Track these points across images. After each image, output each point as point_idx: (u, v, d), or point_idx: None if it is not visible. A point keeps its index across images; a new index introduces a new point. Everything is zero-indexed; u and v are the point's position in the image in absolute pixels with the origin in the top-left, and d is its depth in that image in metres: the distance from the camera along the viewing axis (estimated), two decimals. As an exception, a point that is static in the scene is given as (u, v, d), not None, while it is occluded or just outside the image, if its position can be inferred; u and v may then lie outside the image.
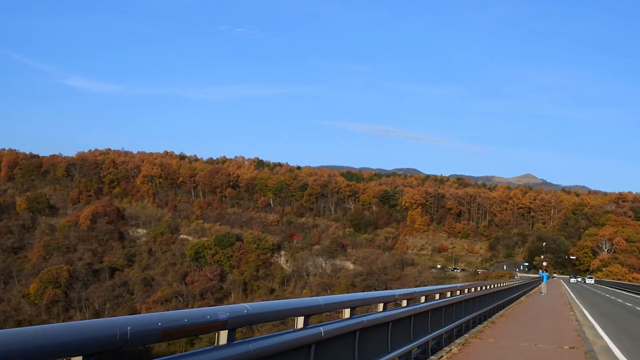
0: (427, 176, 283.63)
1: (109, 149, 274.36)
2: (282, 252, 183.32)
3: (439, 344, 15.13)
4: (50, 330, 3.56)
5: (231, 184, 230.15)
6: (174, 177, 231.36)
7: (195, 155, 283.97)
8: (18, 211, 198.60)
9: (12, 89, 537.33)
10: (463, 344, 16.09)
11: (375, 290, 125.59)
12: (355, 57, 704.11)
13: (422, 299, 13.23)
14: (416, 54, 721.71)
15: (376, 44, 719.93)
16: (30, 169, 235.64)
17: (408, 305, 11.58)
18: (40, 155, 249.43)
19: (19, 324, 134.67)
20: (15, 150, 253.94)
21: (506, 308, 31.60)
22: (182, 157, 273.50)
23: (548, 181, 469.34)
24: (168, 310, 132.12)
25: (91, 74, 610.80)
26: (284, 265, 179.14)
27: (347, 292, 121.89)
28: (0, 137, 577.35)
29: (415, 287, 16.38)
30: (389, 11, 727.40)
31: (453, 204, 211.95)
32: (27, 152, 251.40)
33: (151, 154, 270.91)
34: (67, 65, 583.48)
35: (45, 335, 3.47)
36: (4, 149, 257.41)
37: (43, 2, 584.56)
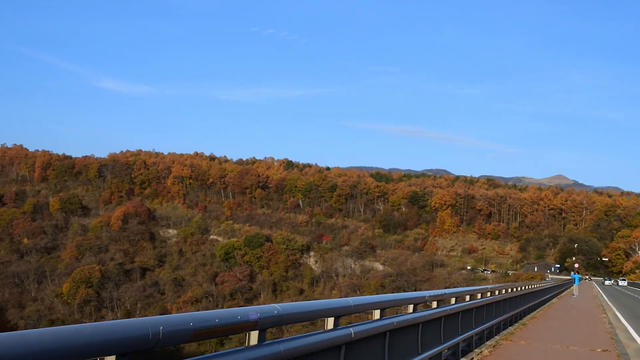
0: (457, 177, 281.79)
1: (140, 150, 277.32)
2: (312, 253, 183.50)
3: (469, 346, 15.03)
4: (84, 330, 3.62)
5: (261, 184, 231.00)
6: (204, 178, 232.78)
7: (225, 156, 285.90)
8: (51, 212, 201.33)
9: (46, 91, 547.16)
10: (494, 346, 15.97)
11: (404, 291, 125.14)
12: (385, 58, 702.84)
13: (453, 300, 13.17)
14: (446, 54, 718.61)
15: (405, 44, 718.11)
16: (63, 170, 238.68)
17: (438, 306, 11.54)
18: (73, 156, 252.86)
19: (52, 323, 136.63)
20: (48, 151, 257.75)
21: (537, 310, 31.28)
22: (212, 158, 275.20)
23: (580, 182, 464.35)
24: (198, 310, 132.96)
25: (123, 76, 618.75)
26: (313, 266, 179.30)
27: (377, 293, 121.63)
28: (34, 138, 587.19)
29: (445, 288, 16.31)
30: (418, 12, 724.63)
31: (483, 205, 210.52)
32: (60, 154, 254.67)
33: (181, 155, 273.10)
34: (100, 68, 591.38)
35: (80, 335, 3.53)
36: (38, 150, 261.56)
37: (76, 5, 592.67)
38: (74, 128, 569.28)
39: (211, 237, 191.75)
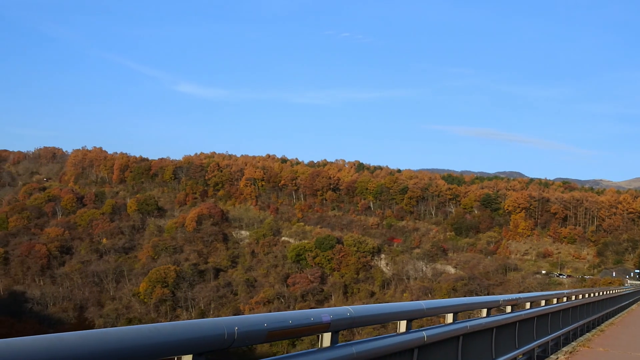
0: (531, 179, 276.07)
1: (214, 153, 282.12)
2: (382, 256, 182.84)
3: (545, 352, 14.73)
4: (163, 329, 3.72)
5: (332, 187, 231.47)
6: (276, 180, 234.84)
7: (296, 159, 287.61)
8: (129, 212, 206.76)
9: (125, 95, 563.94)
10: (570, 352, 15.59)
11: (477, 295, 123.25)
12: (459, 59, 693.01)
13: (527, 305, 12.95)
14: (522, 55, 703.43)
15: (481, 45, 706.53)
16: (140, 172, 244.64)
17: (512, 311, 11.36)
18: (150, 158, 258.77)
19: (129, 321, 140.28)
20: (126, 154, 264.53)
21: (616, 316, 30.36)
22: (284, 160, 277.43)
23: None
24: (270, 311, 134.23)
25: (200, 80, 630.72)
26: (384, 269, 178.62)
27: (448, 297, 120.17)
28: (113, 141, 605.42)
29: (519, 292, 16.01)
30: (493, 12, 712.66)
31: (558, 208, 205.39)
32: (138, 156, 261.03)
33: (254, 157, 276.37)
34: (178, 72, 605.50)
35: (160, 333, 3.63)
36: (117, 153, 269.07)
37: (153, 11, 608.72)
38: (151, 131, 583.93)
39: (283, 238, 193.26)
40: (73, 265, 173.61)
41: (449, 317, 8.19)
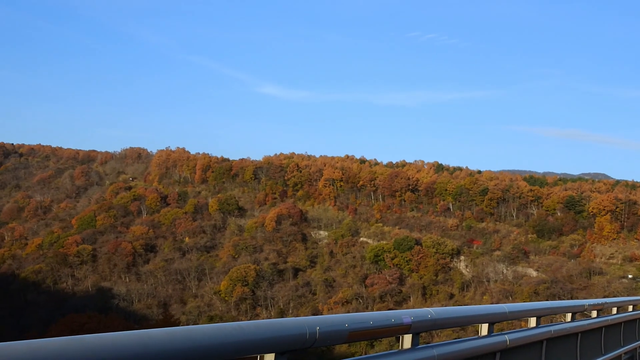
0: (617, 181, 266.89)
1: (293, 153, 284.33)
2: (462, 257, 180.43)
3: (632, 359, 14.26)
4: (247, 327, 3.79)
5: (410, 187, 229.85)
6: (354, 181, 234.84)
7: (375, 159, 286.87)
8: (210, 212, 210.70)
9: (208, 97, 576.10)
10: (660, 361, 15.03)
11: (559, 299, 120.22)
12: (545, 59, 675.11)
13: (614, 310, 12.57)
14: (612, 54, 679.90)
15: (568, 45, 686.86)
16: (221, 172, 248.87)
17: (598, 316, 11.05)
18: (231, 159, 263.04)
19: (211, 319, 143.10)
20: (208, 154, 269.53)
21: None
22: (362, 161, 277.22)
23: None
24: (349, 311, 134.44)
25: (282, 82, 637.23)
26: (463, 271, 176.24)
27: (530, 300, 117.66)
28: (195, 142, 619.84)
29: (604, 297, 15.56)
30: (582, 10, 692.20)
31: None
32: (219, 156, 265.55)
33: (332, 157, 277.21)
34: (261, 74, 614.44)
35: (243, 332, 3.70)
36: (199, 153, 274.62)
37: (237, 14, 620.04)
38: (232, 132, 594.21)
39: (361, 239, 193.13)
40: (157, 263, 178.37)
41: (532, 321, 8.03)
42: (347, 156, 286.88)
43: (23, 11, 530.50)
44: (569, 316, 9.59)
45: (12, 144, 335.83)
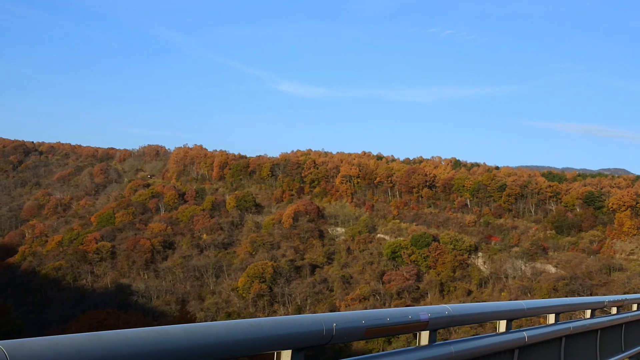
0: (637, 177, 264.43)
1: (310, 150, 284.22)
2: (480, 254, 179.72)
3: (653, 356, 14.12)
4: (265, 324, 3.80)
5: (428, 184, 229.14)
6: (371, 177, 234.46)
7: (392, 156, 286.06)
8: (228, 209, 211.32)
9: (225, 93, 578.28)
10: (681, 358, 14.88)
11: (579, 295, 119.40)
12: (563, 55, 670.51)
13: (634, 306, 12.45)
14: (632, 48, 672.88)
15: (587, 39, 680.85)
16: (238, 169, 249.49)
17: (618, 312, 10.96)
18: (248, 156, 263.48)
19: (228, 315, 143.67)
20: (225, 151, 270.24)
21: None
22: (379, 157, 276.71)
23: None
24: (366, 308, 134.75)
25: (299, 79, 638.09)
26: (481, 267, 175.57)
27: (548, 297, 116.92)
28: (212, 139, 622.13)
29: (625, 294, 15.42)
30: (602, 4, 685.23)
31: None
32: (236, 153, 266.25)
33: (349, 154, 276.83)
34: (278, 71, 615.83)
35: (261, 328, 3.71)
36: (216, 150, 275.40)
37: (255, 12, 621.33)
38: (249, 128, 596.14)
39: (378, 235, 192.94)
40: (175, 259, 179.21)
41: (551, 318, 7.97)
42: (364, 152, 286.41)
43: (49, 12, 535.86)
44: (588, 313, 9.50)
45: (33, 142, 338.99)
